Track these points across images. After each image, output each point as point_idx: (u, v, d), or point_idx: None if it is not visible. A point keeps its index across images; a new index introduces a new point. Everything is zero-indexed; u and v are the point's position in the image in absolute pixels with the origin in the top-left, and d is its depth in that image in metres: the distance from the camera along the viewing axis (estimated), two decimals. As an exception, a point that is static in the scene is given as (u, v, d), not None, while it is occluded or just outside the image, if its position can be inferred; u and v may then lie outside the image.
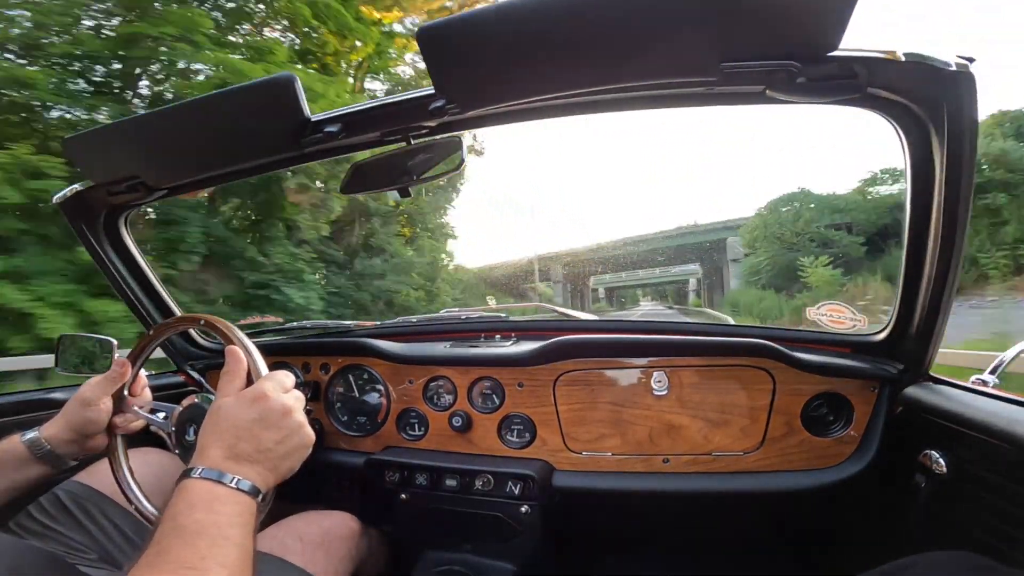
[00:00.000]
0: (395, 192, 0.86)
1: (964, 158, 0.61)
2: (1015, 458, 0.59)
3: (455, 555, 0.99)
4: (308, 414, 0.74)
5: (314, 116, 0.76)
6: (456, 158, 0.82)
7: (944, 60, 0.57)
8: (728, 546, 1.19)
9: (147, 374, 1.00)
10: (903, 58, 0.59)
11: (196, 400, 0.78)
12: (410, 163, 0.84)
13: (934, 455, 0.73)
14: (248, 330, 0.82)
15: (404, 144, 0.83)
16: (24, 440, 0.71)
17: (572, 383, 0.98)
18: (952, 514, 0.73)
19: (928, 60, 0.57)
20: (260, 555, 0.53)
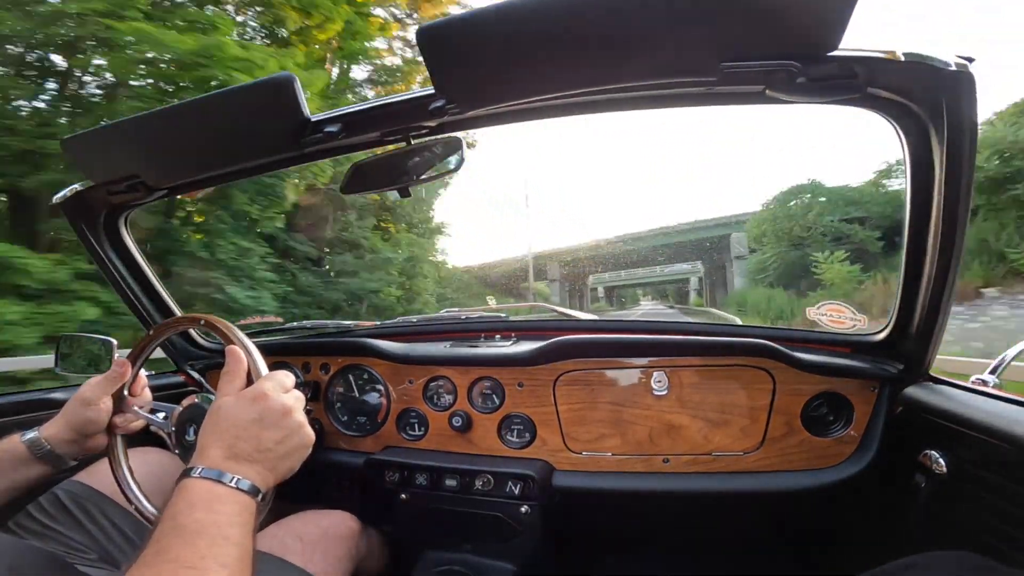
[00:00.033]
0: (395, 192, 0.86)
1: (964, 158, 0.61)
2: (1015, 458, 0.59)
3: (455, 555, 0.99)
4: (308, 414, 0.74)
5: (314, 116, 0.76)
6: (456, 158, 0.82)
7: (944, 60, 0.57)
8: (728, 546, 1.19)
9: (147, 374, 1.00)
10: (903, 58, 0.59)
11: (196, 400, 0.78)
12: (410, 163, 0.84)
13: (934, 455, 0.73)
14: (248, 330, 0.82)
15: (404, 144, 0.83)
16: (24, 440, 0.71)
17: (572, 383, 0.98)
18: (952, 514, 0.73)
19: (928, 60, 0.57)
20: (259, 554, 0.53)
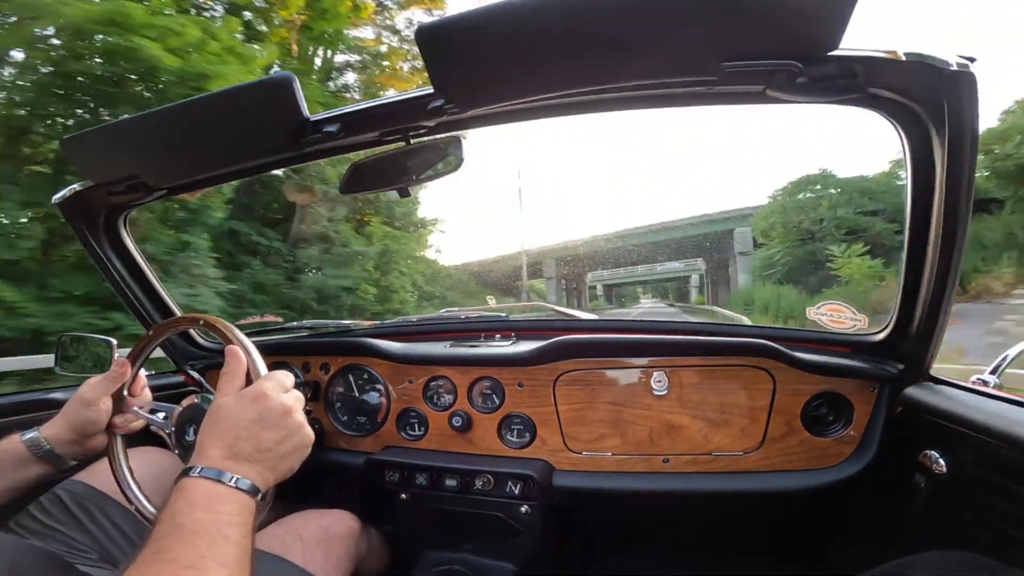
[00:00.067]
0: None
1: (965, 158, 0.61)
2: (1015, 458, 0.59)
3: (455, 555, 1.00)
4: (308, 414, 0.74)
5: (313, 116, 0.76)
6: (455, 158, 0.82)
7: (945, 60, 0.57)
8: (728, 546, 1.19)
9: (147, 374, 1.00)
10: (904, 58, 0.58)
11: (196, 400, 0.78)
12: (409, 163, 0.84)
13: (934, 455, 0.73)
14: (248, 330, 0.82)
15: (403, 144, 0.83)
16: (24, 440, 0.71)
17: (572, 383, 0.98)
18: (952, 514, 0.73)
19: (929, 60, 0.57)
20: (259, 553, 0.53)
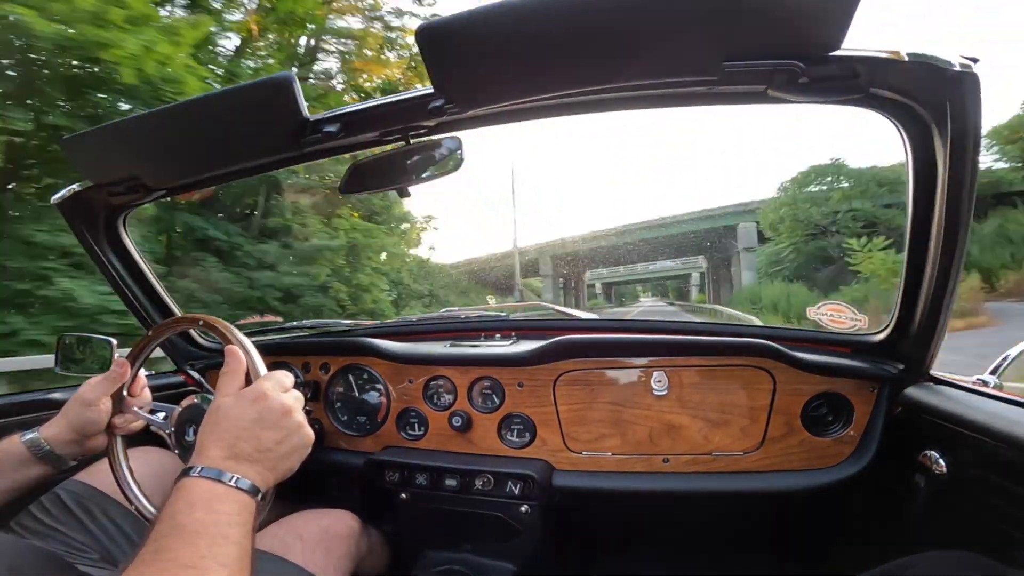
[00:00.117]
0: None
1: (967, 158, 0.61)
2: (1015, 458, 0.59)
3: (455, 555, 1.00)
4: (308, 414, 0.74)
5: (313, 116, 0.76)
6: (455, 158, 0.82)
7: (948, 60, 0.56)
8: (728, 546, 1.19)
9: (147, 374, 1.00)
10: (906, 58, 0.58)
11: (195, 400, 0.78)
12: (409, 163, 0.84)
13: (934, 455, 0.73)
14: (248, 330, 0.82)
15: (403, 144, 0.82)
16: (24, 440, 0.71)
17: (572, 383, 0.98)
18: (952, 514, 0.73)
19: (932, 60, 0.57)
20: (259, 553, 0.53)
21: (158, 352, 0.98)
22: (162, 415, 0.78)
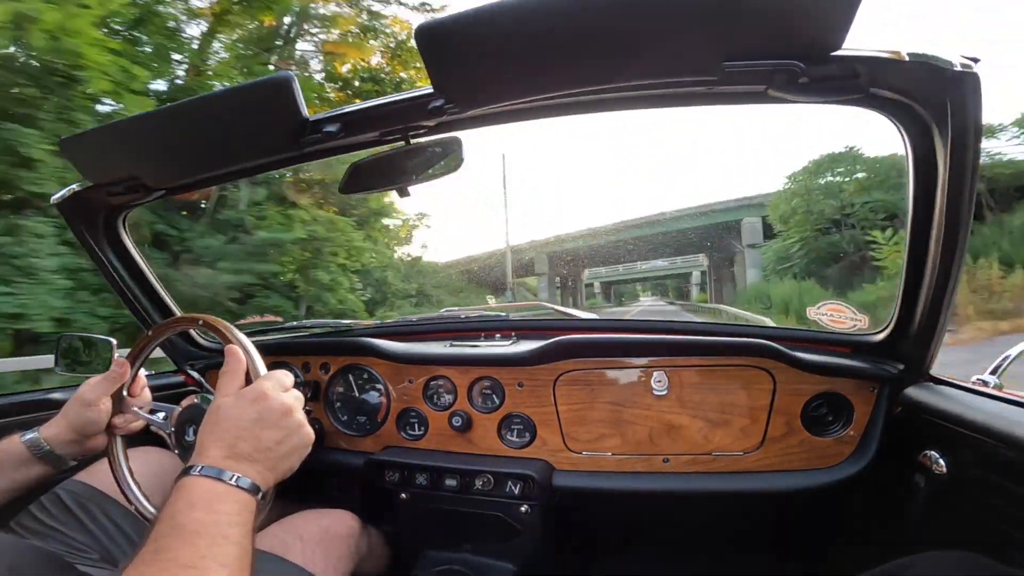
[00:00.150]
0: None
1: (967, 158, 0.61)
2: (1015, 458, 0.59)
3: (455, 555, 1.00)
4: (308, 414, 0.74)
5: (312, 116, 0.76)
6: (455, 158, 0.82)
7: (948, 60, 0.56)
8: (728, 546, 1.19)
9: (147, 374, 1.00)
10: (907, 58, 0.58)
11: (195, 400, 0.78)
12: (409, 163, 0.84)
13: (934, 455, 0.73)
14: (247, 330, 0.82)
15: (403, 144, 0.82)
16: (24, 440, 0.71)
17: (572, 383, 0.98)
18: (952, 514, 0.73)
19: (932, 60, 0.57)
20: (259, 553, 0.53)
21: (158, 352, 0.98)
22: (162, 415, 0.78)
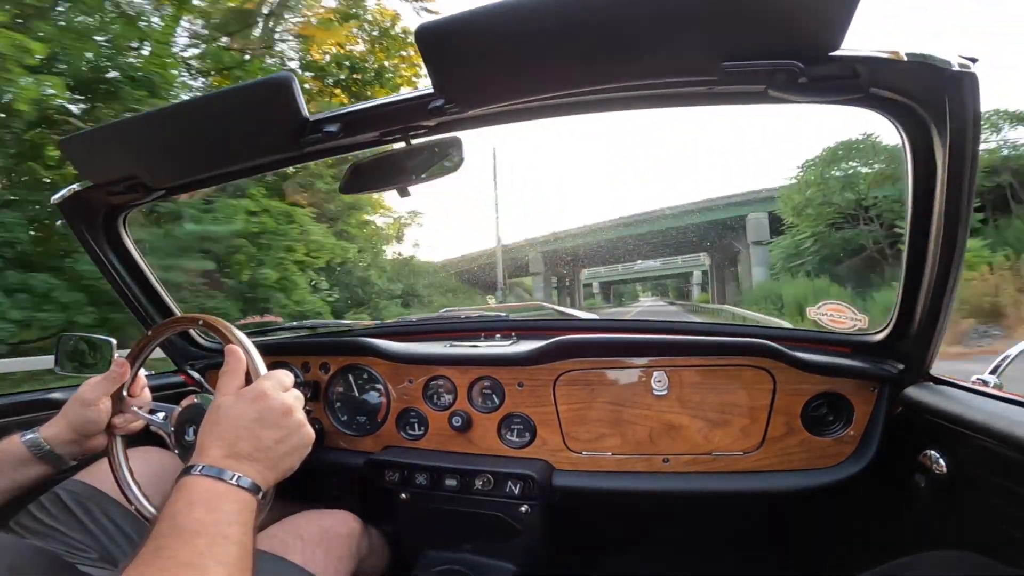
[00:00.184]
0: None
1: (966, 158, 0.61)
2: (1015, 458, 0.59)
3: (455, 555, 1.00)
4: (308, 414, 0.74)
5: (313, 116, 0.76)
6: (456, 158, 0.82)
7: (947, 60, 0.56)
8: (728, 546, 1.19)
9: (146, 374, 1.00)
10: (906, 58, 0.58)
11: (195, 400, 0.78)
12: (409, 163, 0.84)
13: (934, 455, 0.73)
14: (247, 330, 0.82)
15: (403, 144, 0.82)
16: (24, 440, 0.71)
17: (572, 383, 0.98)
18: (952, 514, 0.73)
19: (931, 60, 0.57)
20: (260, 553, 0.53)
21: (158, 352, 0.98)
22: (162, 415, 0.78)
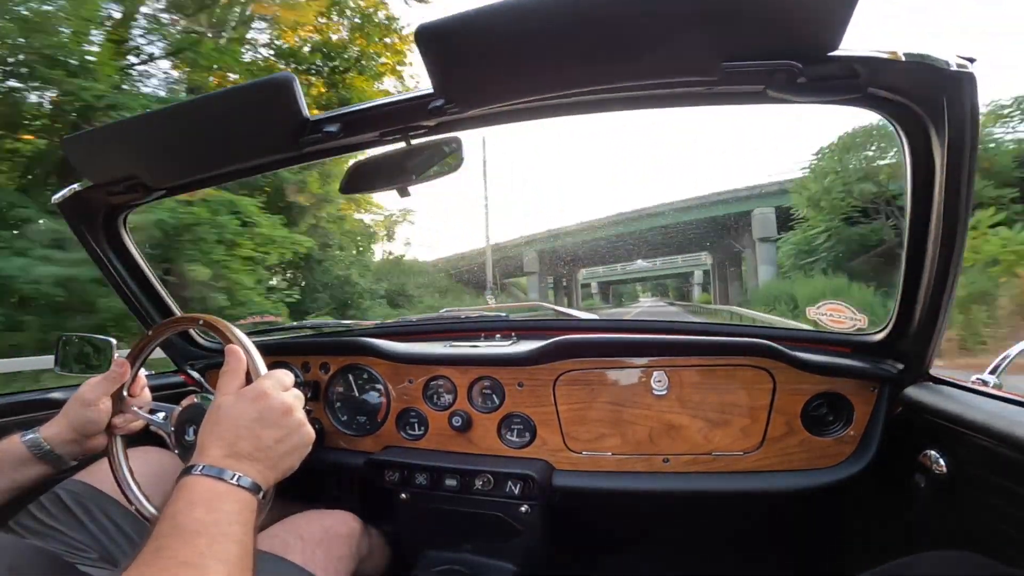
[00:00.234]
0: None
1: (965, 158, 0.61)
2: (1015, 458, 0.59)
3: (455, 555, 1.00)
4: (308, 414, 0.74)
5: (313, 116, 0.76)
6: (455, 158, 0.82)
7: (945, 60, 0.57)
8: (728, 546, 1.19)
9: (147, 374, 1.00)
10: (904, 58, 0.58)
11: (195, 400, 0.78)
12: (409, 163, 0.84)
13: (934, 455, 0.73)
14: (248, 330, 0.82)
15: (403, 144, 0.83)
16: (24, 440, 0.71)
17: (572, 383, 0.98)
18: (952, 514, 0.73)
19: (929, 60, 0.57)
20: (260, 553, 0.53)
21: (158, 352, 0.98)
22: (162, 415, 0.78)
